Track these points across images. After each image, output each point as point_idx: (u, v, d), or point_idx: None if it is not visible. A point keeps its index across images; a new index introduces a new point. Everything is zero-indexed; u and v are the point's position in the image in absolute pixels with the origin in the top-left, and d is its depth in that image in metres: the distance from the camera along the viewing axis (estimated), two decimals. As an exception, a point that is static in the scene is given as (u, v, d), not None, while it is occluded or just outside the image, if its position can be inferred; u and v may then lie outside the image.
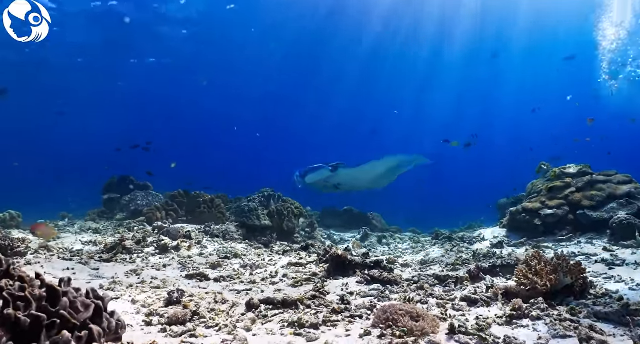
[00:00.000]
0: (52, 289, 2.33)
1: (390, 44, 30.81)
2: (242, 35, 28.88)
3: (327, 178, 12.34)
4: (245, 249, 8.31)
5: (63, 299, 2.31)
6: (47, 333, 2.10)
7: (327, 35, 29.98)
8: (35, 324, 2.09)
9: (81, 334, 2.16)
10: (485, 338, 3.38)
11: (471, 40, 30.32)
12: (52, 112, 35.62)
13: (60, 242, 7.92)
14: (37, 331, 2.08)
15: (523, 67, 34.47)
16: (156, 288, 5.26)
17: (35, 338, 2.06)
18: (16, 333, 2.06)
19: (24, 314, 2.11)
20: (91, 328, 2.15)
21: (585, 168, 9.17)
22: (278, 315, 4.22)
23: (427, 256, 7.90)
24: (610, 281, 5.48)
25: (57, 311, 2.21)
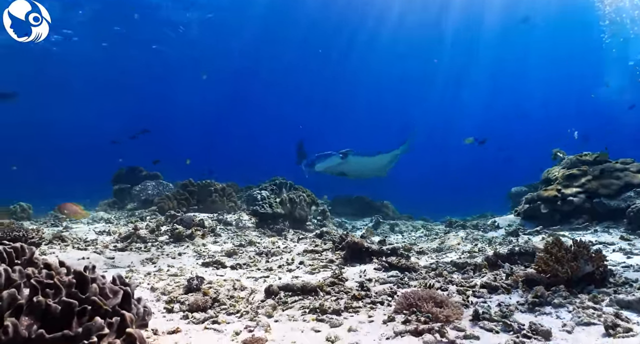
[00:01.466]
0: (81, 275, 2.32)
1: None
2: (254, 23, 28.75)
3: (337, 165, 12.32)
4: (259, 237, 8.31)
5: (92, 285, 2.29)
6: (79, 319, 2.09)
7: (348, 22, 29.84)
8: (66, 311, 2.08)
9: (112, 321, 2.15)
10: (509, 324, 3.34)
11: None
12: (59, 105, 35.84)
13: (74, 232, 7.96)
14: (68, 318, 2.07)
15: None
16: (174, 275, 5.28)
17: (66, 325, 2.04)
18: (46, 320, 2.05)
19: (54, 301, 2.09)
20: (123, 314, 2.13)
21: (602, 156, 9.02)
22: (298, 301, 4.21)
23: (442, 243, 7.86)
24: (629, 269, 5.39)
25: (88, 297, 2.20)
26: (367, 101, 46.54)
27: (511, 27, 30.17)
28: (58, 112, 40.46)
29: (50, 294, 2.15)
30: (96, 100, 39.73)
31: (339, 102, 46.96)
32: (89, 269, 2.76)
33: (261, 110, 48.91)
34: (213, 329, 3.42)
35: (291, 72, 38.15)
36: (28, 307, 2.03)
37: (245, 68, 36.59)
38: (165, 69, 34.98)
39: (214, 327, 3.45)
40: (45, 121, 41.91)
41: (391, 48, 33.75)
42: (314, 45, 33.08)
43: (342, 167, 12.37)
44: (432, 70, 38.07)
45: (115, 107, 41.14)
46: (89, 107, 41.15)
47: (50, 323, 2.05)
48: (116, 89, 37.86)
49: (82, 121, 43.81)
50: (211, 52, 32.24)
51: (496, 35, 31.82)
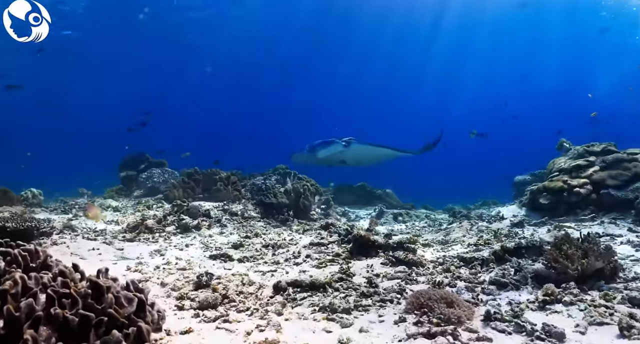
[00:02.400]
0: (96, 285, 2.30)
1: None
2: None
3: (339, 152, 12.29)
4: (264, 228, 8.32)
5: (108, 295, 2.28)
6: (96, 331, 2.08)
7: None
8: (83, 322, 2.07)
9: (129, 332, 2.14)
10: (522, 324, 3.33)
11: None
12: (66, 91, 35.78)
13: (83, 221, 7.98)
14: (86, 330, 2.06)
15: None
16: (182, 269, 5.28)
17: (84, 338, 2.03)
18: (64, 332, 2.04)
19: (71, 312, 2.08)
20: (140, 326, 2.12)
21: (610, 146, 8.95)
22: (307, 298, 4.22)
23: (448, 235, 7.85)
24: (638, 263, 5.39)
25: (104, 308, 2.19)
26: (367, 87, 46.32)
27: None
28: (66, 98, 40.28)
29: (67, 305, 2.14)
30: (103, 87, 39.60)
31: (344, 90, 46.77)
32: (102, 273, 2.76)
33: (266, 99, 48.72)
34: (224, 328, 3.42)
35: (298, 60, 37.93)
36: (46, 318, 2.03)
37: (250, 56, 36.34)
38: (174, 58, 34.86)
39: (225, 326, 3.45)
40: (53, 106, 41.79)
41: (395, 35, 33.48)
42: (322, 34, 32.86)
43: (343, 154, 12.34)
44: (431, 54, 37.82)
45: (121, 96, 40.97)
46: (96, 94, 41.00)
47: (68, 335, 2.04)
48: (122, 78, 37.73)
49: (90, 107, 43.70)
50: (217, 41, 32.06)
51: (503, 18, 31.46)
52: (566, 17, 30.32)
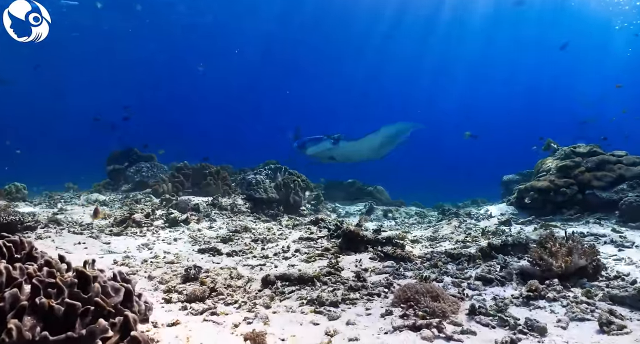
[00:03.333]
0: (83, 274, 2.30)
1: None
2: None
3: (327, 150, 12.29)
4: (254, 223, 8.32)
5: (94, 284, 2.28)
6: (82, 320, 2.08)
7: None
8: (69, 311, 2.07)
9: (115, 321, 2.14)
10: (505, 319, 3.39)
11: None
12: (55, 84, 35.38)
13: (69, 215, 7.91)
14: (72, 319, 2.06)
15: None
16: (170, 263, 5.28)
17: (70, 326, 2.03)
18: (49, 321, 2.04)
19: (57, 302, 2.08)
20: (127, 315, 2.12)
21: (595, 148, 9.07)
22: (295, 292, 4.24)
23: (436, 232, 7.92)
24: (620, 262, 5.48)
25: (90, 297, 2.19)
26: (364, 80, 46.39)
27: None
28: (54, 93, 39.98)
29: (53, 294, 2.14)
30: (92, 83, 39.31)
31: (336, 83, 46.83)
32: (89, 264, 2.75)
33: (257, 94, 48.62)
34: (212, 320, 3.43)
35: (292, 56, 37.96)
36: (31, 307, 2.02)
37: (246, 53, 36.31)
38: (166, 54, 34.67)
39: (212, 319, 3.47)
40: (40, 101, 41.44)
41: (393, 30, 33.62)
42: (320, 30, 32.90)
43: (332, 152, 12.34)
44: (424, 52, 37.98)
45: (110, 91, 40.65)
46: (84, 90, 40.67)
47: (53, 324, 2.04)
48: (111, 74, 37.47)
49: (77, 102, 43.31)
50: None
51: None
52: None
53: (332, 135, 11.86)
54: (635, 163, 8.46)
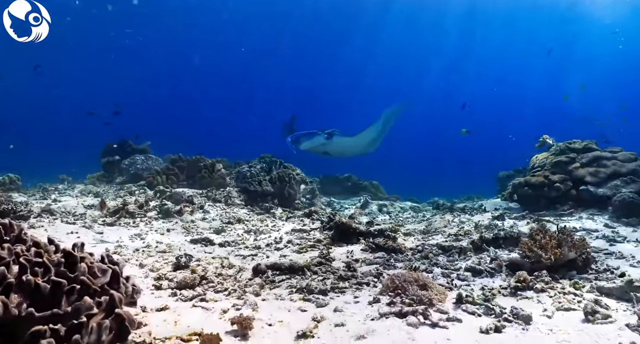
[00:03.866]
0: (70, 254, 2.32)
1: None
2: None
3: (321, 145, 12.27)
4: (247, 215, 8.34)
5: (81, 264, 2.30)
6: (67, 298, 2.10)
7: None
8: (55, 290, 2.08)
9: (101, 300, 2.16)
10: (491, 307, 3.43)
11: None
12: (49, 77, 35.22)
13: (62, 206, 7.91)
14: (58, 297, 2.08)
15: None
16: (162, 252, 5.30)
17: (56, 304, 2.05)
18: (36, 298, 2.06)
19: (43, 280, 2.10)
20: (112, 294, 2.14)
21: (591, 144, 9.12)
22: (285, 281, 4.27)
23: (429, 225, 7.94)
24: (611, 257, 5.52)
25: (77, 276, 2.20)
26: (359, 73, 46.43)
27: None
28: (49, 86, 39.81)
29: (40, 273, 2.16)
30: (87, 75, 39.22)
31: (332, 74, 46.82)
32: (77, 247, 2.76)
33: (252, 86, 48.52)
34: (201, 306, 3.46)
35: (285, 46, 37.91)
36: (17, 285, 2.04)
37: (235, 43, 36.26)
38: (161, 46, 34.60)
39: (201, 305, 3.50)
40: (35, 94, 41.28)
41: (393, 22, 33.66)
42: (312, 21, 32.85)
43: (326, 147, 12.32)
44: (425, 45, 38.01)
45: (105, 84, 40.56)
46: (79, 82, 40.60)
47: (40, 302, 2.05)
48: (106, 66, 37.38)
49: (72, 94, 43.21)
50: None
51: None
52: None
53: (326, 130, 11.84)
54: (630, 159, 8.50)
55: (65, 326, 1.96)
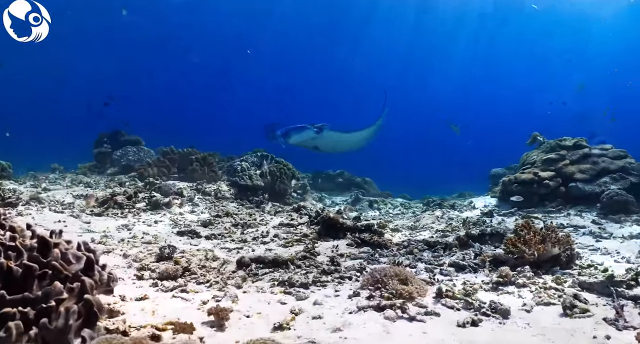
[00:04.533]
0: (44, 240, 2.31)
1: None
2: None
3: (311, 139, 12.23)
4: (236, 209, 8.32)
5: (54, 250, 2.30)
6: (39, 282, 2.10)
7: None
8: (26, 273, 2.09)
9: (73, 286, 2.16)
10: (471, 302, 3.44)
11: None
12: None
13: (52, 195, 7.88)
14: (29, 281, 2.08)
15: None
16: (147, 243, 5.29)
17: (27, 288, 2.05)
18: (8, 281, 2.06)
19: (15, 263, 2.09)
20: (83, 280, 2.14)
21: (581, 141, 9.16)
22: (268, 274, 4.28)
23: (418, 221, 7.97)
24: (596, 253, 5.57)
25: (49, 261, 2.20)
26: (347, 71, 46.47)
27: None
28: (43, 74, 39.61)
29: (13, 257, 2.15)
30: (82, 63, 38.97)
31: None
32: (55, 233, 2.76)
33: (245, 82, 48.40)
34: (181, 297, 3.47)
35: (277, 43, 37.86)
36: (-11, 268, 2.04)
37: (233, 39, 36.21)
38: (156, 35, 34.46)
39: (182, 295, 3.50)
40: (30, 82, 41.01)
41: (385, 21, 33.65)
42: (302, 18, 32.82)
43: (316, 141, 12.28)
44: (415, 43, 38.05)
45: (100, 73, 40.32)
46: (73, 70, 40.36)
47: (12, 285, 2.06)
48: (100, 55, 37.17)
49: (67, 83, 42.96)
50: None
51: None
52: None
53: (316, 124, 11.79)
54: (620, 157, 8.56)
55: (35, 310, 1.96)
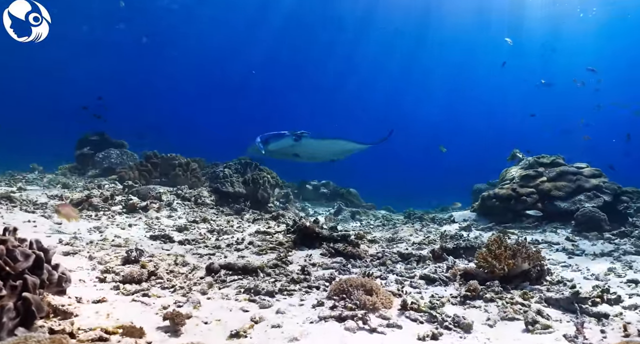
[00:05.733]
0: (-11, 237, 2.26)
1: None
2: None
3: (290, 146, 12.19)
4: (215, 215, 8.25)
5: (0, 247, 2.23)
6: (-21, 280, 2.04)
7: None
8: (-35, 270, 2.03)
9: (16, 284, 2.10)
10: (435, 315, 3.42)
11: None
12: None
13: (25, 195, 7.74)
14: (-32, 278, 2.02)
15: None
16: (117, 246, 5.21)
17: (-35, 285, 2.00)
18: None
19: (-46, 260, 2.04)
20: (25, 278, 2.09)
21: (558, 159, 9.28)
22: (237, 281, 4.22)
23: (396, 234, 7.96)
24: (567, 269, 5.60)
25: (-9, 259, 2.14)
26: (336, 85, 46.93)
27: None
28: (29, 72, 39.37)
29: (-48, 254, 2.10)
30: (69, 63, 38.82)
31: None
32: (9, 231, 2.70)
33: (239, 90, 48.58)
34: (141, 301, 3.40)
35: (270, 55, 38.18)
36: None
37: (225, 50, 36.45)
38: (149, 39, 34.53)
39: (142, 300, 3.43)
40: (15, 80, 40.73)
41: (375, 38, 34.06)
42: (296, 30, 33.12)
43: (295, 149, 12.22)
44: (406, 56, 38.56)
45: (87, 73, 40.19)
46: (60, 69, 40.16)
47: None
48: (90, 56, 37.09)
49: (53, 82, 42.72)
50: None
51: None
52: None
53: (295, 131, 11.74)
54: (595, 175, 8.69)
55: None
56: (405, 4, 29.20)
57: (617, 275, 5.24)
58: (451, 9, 29.43)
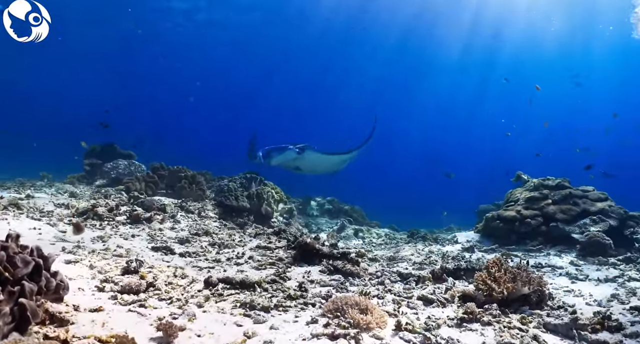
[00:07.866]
0: (-12, 243, 2.31)
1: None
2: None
3: (292, 160, 12.24)
4: (218, 228, 8.28)
5: (0, 253, 2.29)
6: (-25, 285, 2.09)
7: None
8: (-36, 275, 2.08)
9: (14, 289, 2.15)
10: (429, 337, 3.40)
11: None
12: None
13: (33, 202, 7.84)
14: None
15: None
16: (118, 256, 5.25)
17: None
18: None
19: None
20: (23, 284, 2.14)
21: (564, 182, 9.24)
22: (233, 295, 4.24)
23: (397, 253, 7.94)
24: (569, 294, 5.54)
25: (-10, 265, 2.19)
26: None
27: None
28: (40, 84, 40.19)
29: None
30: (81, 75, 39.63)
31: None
32: (11, 238, 2.75)
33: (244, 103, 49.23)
34: (137, 312, 3.43)
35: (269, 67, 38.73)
36: None
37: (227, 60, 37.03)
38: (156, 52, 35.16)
39: (138, 310, 3.46)
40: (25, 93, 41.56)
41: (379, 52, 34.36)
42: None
43: (297, 162, 12.28)
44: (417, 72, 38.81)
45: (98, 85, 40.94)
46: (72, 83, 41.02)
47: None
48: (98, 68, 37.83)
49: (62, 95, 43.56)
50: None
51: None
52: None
53: (297, 144, 11.81)
54: (600, 199, 8.63)
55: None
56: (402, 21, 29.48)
57: (620, 302, 5.16)
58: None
